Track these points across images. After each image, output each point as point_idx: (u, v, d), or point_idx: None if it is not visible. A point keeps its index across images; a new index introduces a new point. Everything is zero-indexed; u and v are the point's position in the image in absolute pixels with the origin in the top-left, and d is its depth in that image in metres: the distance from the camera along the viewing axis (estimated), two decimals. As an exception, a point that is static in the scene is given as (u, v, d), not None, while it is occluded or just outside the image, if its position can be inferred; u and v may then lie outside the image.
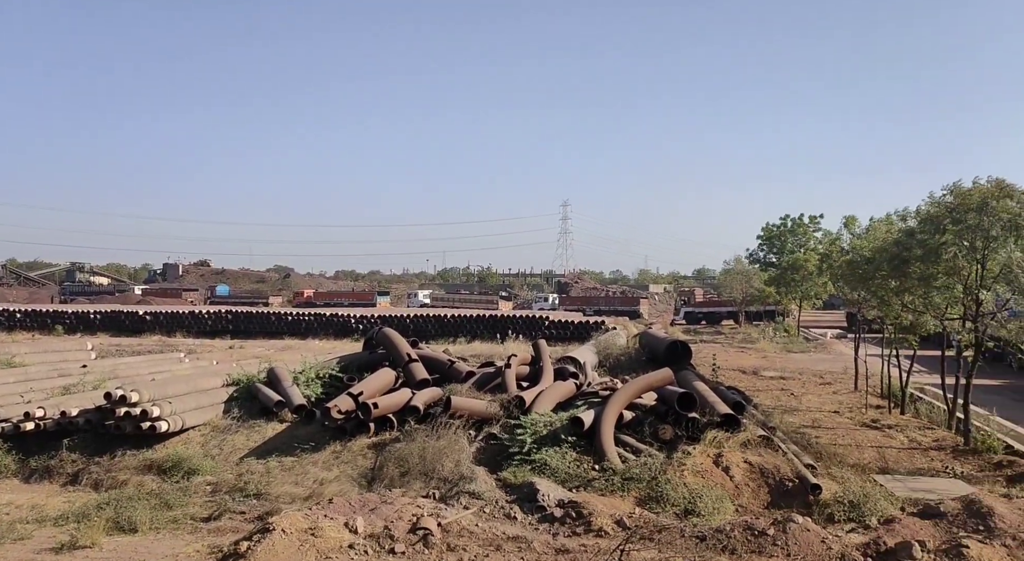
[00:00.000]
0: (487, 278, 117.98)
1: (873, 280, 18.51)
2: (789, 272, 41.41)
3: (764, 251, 52.09)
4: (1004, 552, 8.46)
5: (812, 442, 15.85)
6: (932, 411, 19.56)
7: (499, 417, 14.12)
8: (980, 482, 12.77)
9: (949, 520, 9.67)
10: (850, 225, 26.10)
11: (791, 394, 23.51)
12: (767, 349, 38.68)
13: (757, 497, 11.28)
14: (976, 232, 14.32)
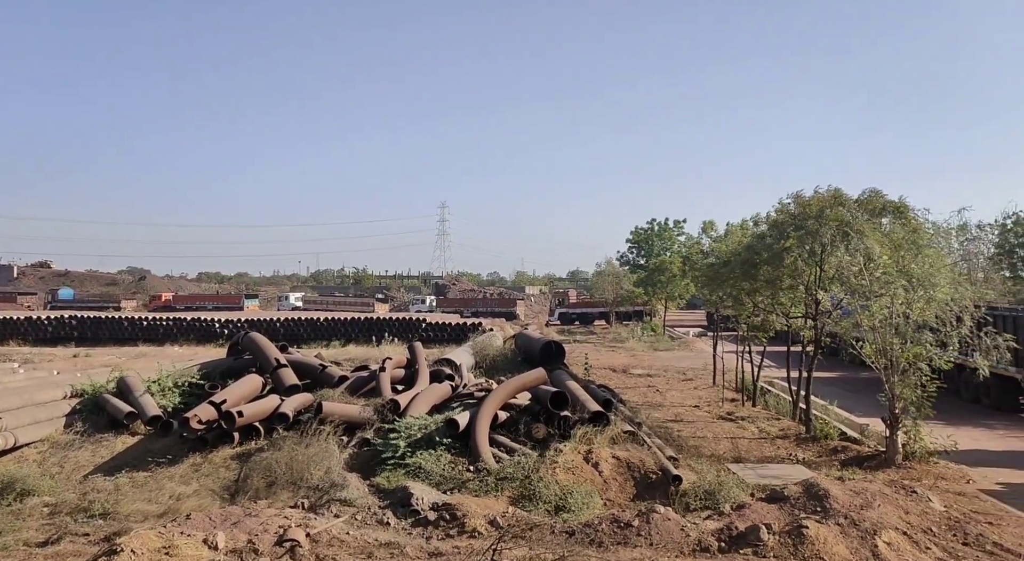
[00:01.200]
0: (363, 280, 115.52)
1: (728, 282, 19.85)
2: (656, 274, 43.65)
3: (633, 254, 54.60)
4: (837, 530, 9.32)
5: (675, 435, 16.77)
6: (779, 403, 21.25)
7: (373, 422, 13.88)
8: (819, 467, 14.01)
9: (792, 503, 10.52)
10: (708, 230, 27.86)
11: (657, 390, 24.74)
12: (636, 348, 40.47)
13: (624, 490, 11.77)
14: (815, 238, 15.70)
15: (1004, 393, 21.25)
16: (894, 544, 9.04)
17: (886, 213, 15.54)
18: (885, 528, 9.35)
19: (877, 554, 8.83)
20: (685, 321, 59.21)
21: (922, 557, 8.90)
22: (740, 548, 9.06)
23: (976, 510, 11.59)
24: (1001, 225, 36.06)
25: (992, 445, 17.10)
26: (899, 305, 14.19)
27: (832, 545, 8.95)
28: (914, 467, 14.00)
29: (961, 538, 9.82)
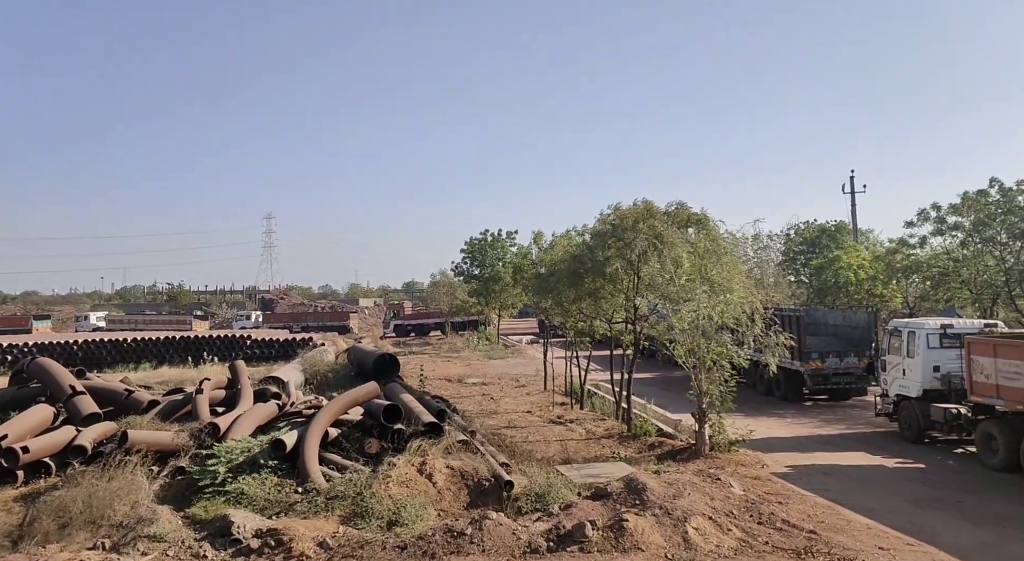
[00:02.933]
0: (179, 296, 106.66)
1: (555, 291, 20.72)
2: (489, 283, 44.49)
3: (468, 264, 55.24)
4: (653, 520, 10.02)
5: (508, 441, 17.17)
6: (604, 404, 22.49)
7: (189, 448, 12.87)
8: (639, 462, 14.98)
9: (615, 499, 11.14)
10: (538, 240, 28.95)
11: (491, 398, 25.20)
12: (471, 357, 40.98)
13: (458, 499, 11.84)
14: (631, 248, 16.84)
15: (791, 385, 24.04)
16: (701, 529, 9.87)
17: (691, 224, 17.01)
18: (694, 515, 10.19)
19: (687, 539, 9.60)
20: (518, 329, 60.93)
21: (724, 538, 9.79)
22: (567, 546, 9.45)
23: (769, 492, 12.98)
24: (786, 235, 40.90)
25: (782, 432, 19.26)
26: (703, 308, 15.58)
27: (649, 534, 9.61)
28: (719, 456, 15.39)
29: (756, 518, 10.93)
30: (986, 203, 24.94)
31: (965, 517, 11.87)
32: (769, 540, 10.08)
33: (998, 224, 24.59)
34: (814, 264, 35.64)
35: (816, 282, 34.43)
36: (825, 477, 14.60)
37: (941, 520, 11.69)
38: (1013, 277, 24.52)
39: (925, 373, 17.39)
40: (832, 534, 10.49)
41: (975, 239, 25.42)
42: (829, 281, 32.33)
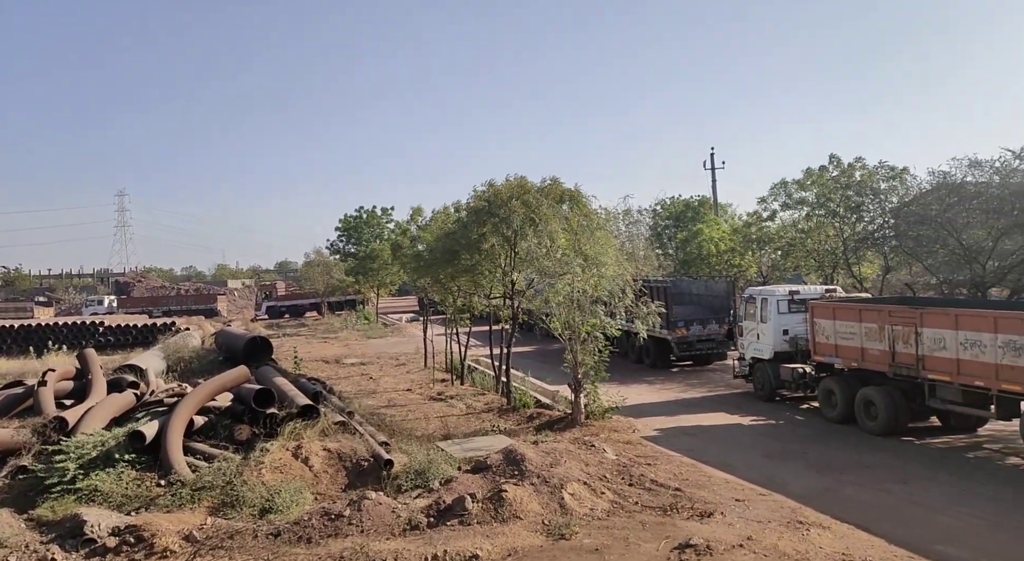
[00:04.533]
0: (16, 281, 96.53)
1: (433, 268, 20.59)
2: (366, 262, 43.54)
3: (344, 242, 53.77)
4: (531, 489, 10.28)
5: (388, 420, 16.97)
6: (485, 379, 22.74)
7: (32, 445, 11.77)
8: (518, 434, 15.29)
9: (494, 471, 11.33)
10: (416, 217, 28.60)
11: (370, 378, 24.80)
12: (349, 337, 40.07)
13: (336, 482, 11.60)
14: (507, 224, 16.99)
15: (660, 353, 25.35)
16: (577, 494, 10.25)
17: (564, 200, 17.38)
18: (570, 481, 10.55)
19: (563, 505, 9.93)
20: (398, 307, 60.21)
21: (598, 501, 10.22)
22: (448, 520, 9.52)
23: (639, 455, 13.66)
24: (654, 210, 42.81)
25: (652, 398, 20.30)
26: (578, 282, 16.04)
27: (527, 503, 9.86)
28: (594, 424, 15.98)
29: (628, 480, 11.49)
30: (826, 179, 27.27)
31: (809, 466, 13.06)
32: (639, 500, 10.63)
33: (837, 198, 26.96)
34: (679, 237, 37.59)
35: (681, 254, 36.35)
36: (690, 437, 15.56)
37: (789, 470, 12.79)
38: (850, 246, 27.02)
39: (776, 336, 18.85)
40: (695, 490, 11.21)
41: (818, 212, 27.77)
42: (693, 253, 34.24)
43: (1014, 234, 22.29)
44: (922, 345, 14.00)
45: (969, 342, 13.06)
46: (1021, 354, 12.06)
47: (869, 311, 15.73)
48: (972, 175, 24.21)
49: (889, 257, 27.61)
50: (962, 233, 23.22)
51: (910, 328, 14.27)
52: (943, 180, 24.97)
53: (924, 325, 13.98)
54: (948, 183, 24.58)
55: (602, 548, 8.59)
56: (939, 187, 25.02)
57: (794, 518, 9.80)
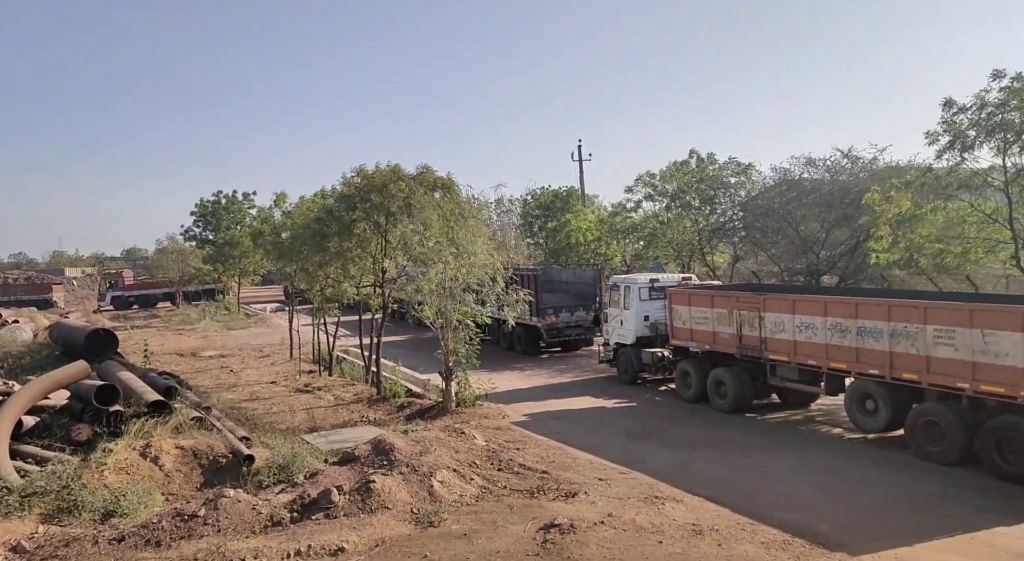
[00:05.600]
0: None
1: (300, 255, 19.83)
2: (226, 249, 41.20)
3: (200, 228, 50.55)
4: (400, 478, 10.19)
5: (249, 415, 16.23)
6: (354, 369, 22.25)
7: None
8: (388, 424, 15.10)
9: (363, 462, 11.13)
10: (280, 202, 27.38)
11: (231, 371, 23.56)
12: (208, 329, 37.82)
13: (190, 481, 10.95)
14: (380, 210, 16.66)
15: (530, 339, 25.90)
16: (446, 481, 10.28)
17: (437, 188, 17.28)
18: (440, 469, 10.56)
19: (433, 493, 9.93)
20: (262, 297, 57.50)
21: (467, 487, 10.31)
22: (313, 514, 9.25)
23: (509, 440, 13.91)
24: (524, 200, 43.59)
25: (522, 384, 20.72)
26: (450, 270, 16.03)
27: (396, 493, 9.76)
28: (465, 411, 16.09)
29: (497, 465, 11.66)
30: (685, 173, 28.95)
31: (666, 444, 13.85)
32: (508, 484, 10.82)
33: (693, 191, 28.69)
34: (549, 227, 38.50)
35: (551, 243, 37.28)
36: (557, 421, 16.03)
37: (648, 449, 13.51)
38: (704, 236, 28.87)
39: (638, 322, 19.80)
40: (561, 471, 11.57)
41: (676, 204, 29.42)
42: (562, 242, 35.21)
43: (842, 226, 24.69)
44: (765, 328, 15.20)
45: (804, 325, 14.33)
46: (846, 335, 13.39)
47: (720, 297, 16.86)
48: (808, 172, 26.60)
49: (738, 247, 29.75)
50: (800, 225, 25.45)
51: (755, 313, 15.45)
52: (784, 176, 27.25)
53: (766, 310, 15.18)
54: (788, 179, 26.85)
55: (470, 533, 8.67)
56: (781, 183, 27.26)
57: (651, 494, 10.36)
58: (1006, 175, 18.34)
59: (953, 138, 18.50)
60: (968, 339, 11.25)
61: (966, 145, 18.37)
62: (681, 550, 8.24)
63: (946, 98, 18.57)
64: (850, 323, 13.30)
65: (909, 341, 12.21)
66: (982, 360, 11.07)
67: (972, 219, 19.64)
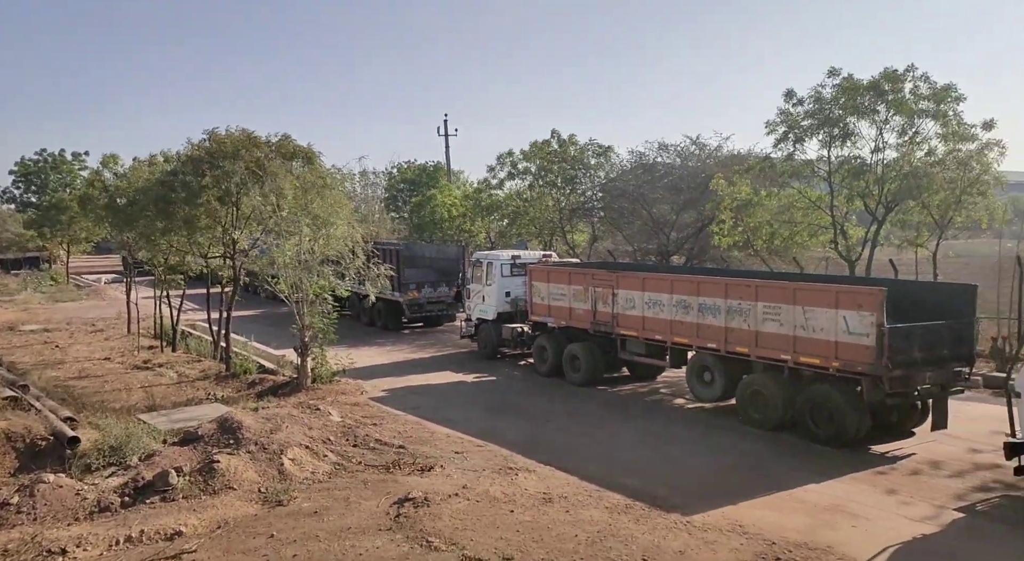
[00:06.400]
0: None
1: (140, 222, 18.28)
2: (52, 213, 37.15)
3: (21, 189, 45.25)
4: (248, 457, 9.77)
5: (77, 394, 14.90)
6: (201, 345, 20.94)
7: None
8: (236, 401, 14.39)
9: (206, 441, 10.54)
10: (109, 163, 25.00)
11: (56, 347, 21.46)
12: (30, 301, 34.11)
13: (3, 466, 9.88)
14: (230, 177, 15.66)
15: (392, 315, 25.58)
16: (298, 459, 9.97)
17: (296, 157, 16.49)
18: (291, 446, 10.23)
19: (283, 471, 9.60)
20: (97, 267, 52.57)
21: (320, 464, 10.07)
22: (147, 498, 8.66)
23: (366, 416, 13.71)
24: (389, 173, 42.79)
25: (382, 360, 20.44)
26: (307, 242, 15.42)
27: (242, 472, 9.35)
28: (321, 388, 15.64)
29: (352, 441, 11.48)
30: (547, 152, 29.53)
31: (522, 417, 14.21)
32: (363, 460, 10.69)
33: (555, 170, 29.37)
34: (414, 202, 38.04)
35: (416, 218, 36.87)
36: (417, 396, 15.98)
37: (505, 422, 13.80)
38: (565, 215, 29.70)
39: (499, 298, 20.09)
40: (418, 446, 11.58)
41: (539, 182, 30.01)
42: (427, 218, 34.92)
43: (690, 209, 26.29)
44: (617, 305, 15.93)
45: (652, 302, 15.16)
46: (689, 312, 14.32)
47: (576, 275, 17.45)
48: (661, 157, 28.03)
49: (596, 226, 30.89)
50: (652, 207, 26.81)
51: (608, 290, 16.13)
52: (639, 160, 28.55)
53: (619, 287, 15.89)
54: (643, 163, 28.16)
55: (321, 510, 8.48)
56: (637, 166, 28.55)
57: (505, 465, 10.62)
58: (830, 166, 20.29)
59: (788, 129, 20.23)
60: (791, 315, 12.38)
61: (799, 136, 20.15)
62: (531, 518, 8.52)
63: (788, 89, 20.25)
64: (693, 300, 14.22)
65: (742, 317, 13.25)
66: (802, 334, 12.22)
67: (800, 205, 21.61)
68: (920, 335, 11.47)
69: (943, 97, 18.45)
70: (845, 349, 11.50)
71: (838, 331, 11.57)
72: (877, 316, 11.01)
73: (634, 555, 7.57)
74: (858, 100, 19.01)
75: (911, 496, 9.48)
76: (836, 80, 19.45)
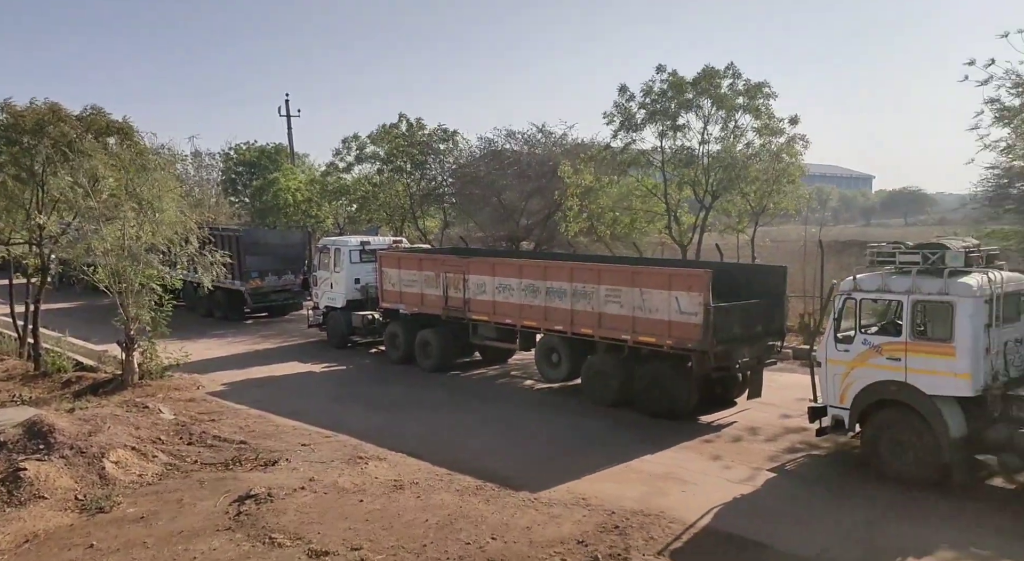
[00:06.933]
0: None
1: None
2: None
3: None
4: (62, 463, 8.84)
5: None
6: (3, 342, 18.64)
7: None
8: (49, 403, 12.97)
9: (10, 448, 9.42)
10: None
11: None
12: None
13: None
14: (32, 155, 13.97)
15: (232, 305, 24.16)
16: (122, 461, 9.16)
17: (111, 133, 15.01)
18: (114, 448, 9.37)
19: (105, 475, 8.79)
20: None
21: (149, 466, 9.32)
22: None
23: (203, 412, 12.85)
24: (226, 155, 40.16)
25: (222, 352, 19.26)
26: (131, 228, 14.13)
27: (55, 479, 8.46)
28: (150, 384, 14.47)
29: (187, 439, 10.73)
30: (396, 136, 29.04)
31: (374, 405, 13.95)
32: (199, 458, 10.03)
33: (404, 155, 28.97)
34: (255, 186, 36.01)
35: (257, 203, 34.92)
36: (260, 389, 15.22)
37: (354, 412, 13.48)
38: (416, 201, 29.40)
39: (348, 285, 19.57)
40: (261, 440, 11.04)
41: (388, 167, 29.46)
42: (269, 202, 33.19)
43: (538, 196, 27.00)
44: (468, 290, 16.04)
45: (502, 287, 15.42)
46: (537, 295, 14.71)
47: (428, 260, 17.36)
48: (509, 144, 28.51)
49: (448, 213, 30.90)
50: (502, 194, 27.24)
51: (459, 275, 16.20)
52: (488, 146, 28.86)
53: (470, 273, 16.01)
54: (492, 149, 28.50)
55: (149, 515, 7.87)
56: (486, 153, 28.84)
57: (355, 455, 10.39)
58: (663, 156, 21.66)
59: (624, 120, 21.39)
60: (631, 297, 13.08)
61: (634, 126, 21.37)
62: (381, 506, 8.41)
63: (621, 84, 21.43)
64: (540, 284, 14.62)
65: (586, 300, 13.82)
66: (640, 315, 12.96)
67: (638, 193, 22.90)
68: (740, 313, 12.55)
69: (755, 93, 20.27)
70: (678, 328, 12.33)
71: (671, 311, 12.38)
72: (704, 296, 11.90)
73: (483, 535, 7.71)
74: (684, 95, 20.47)
75: (732, 461, 10.39)
76: (664, 76, 20.81)
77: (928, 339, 9.13)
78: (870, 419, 9.60)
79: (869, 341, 9.60)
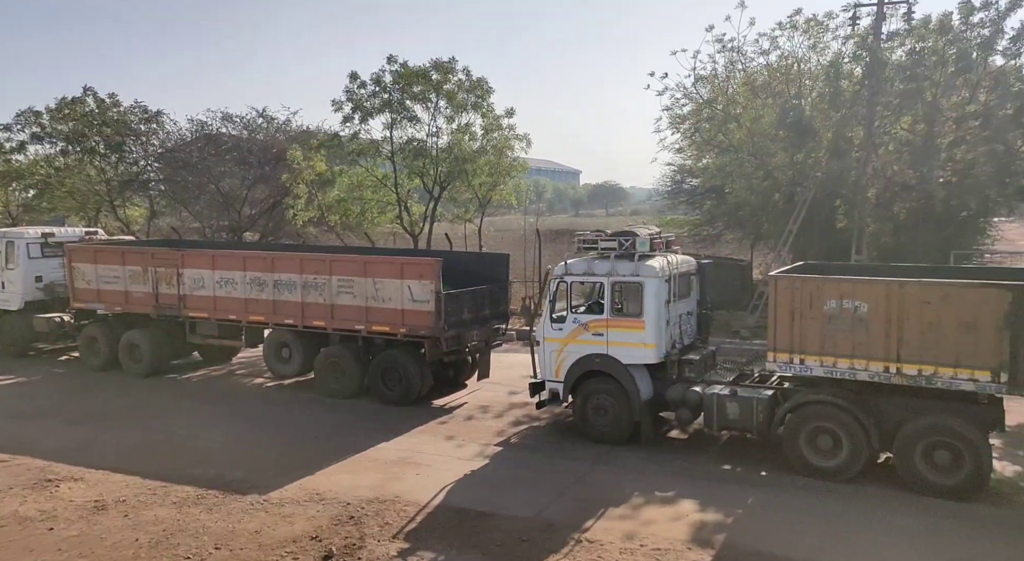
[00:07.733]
0: None
1: None
2: None
3: None
4: None
5: None
6: None
7: None
8: None
9: None
10: None
11: None
12: None
13: None
14: None
15: None
16: None
17: None
18: None
19: None
20: None
21: None
22: None
23: None
24: None
25: None
26: None
27: None
28: None
29: None
30: (82, 113, 25.06)
31: (68, 420, 12.02)
32: None
33: (96, 134, 25.17)
34: None
35: None
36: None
37: (43, 428, 11.55)
38: (114, 188, 25.78)
39: (27, 284, 16.69)
40: (-93, 477, 8.94)
41: (75, 148, 25.39)
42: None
43: (262, 184, 25.47)
44: (184, 285, 14.60)
45: (224, 280, 14.30)
46: (264, 289, 13.90)
47: (133, 254, 15.44)
48: (226, 128, 26.40)
49: (155, 201, 27.75)
50: (221, 181, 25.17)
51: (173, 270, 14.67)
52: (201, 130, 26.41)
53: (185, 266, 14.59)
54: (207, 133, 26.14)
55: None
56: (199, 136, 26.36)
57: (43, 478, 8.96)
58: (392, 146, 21.83)
59: (354, 107, 21.21)
60: (364, 288, 12.99)
61: (366, 114, 21.31)
62: (78, 532, 7.36)
63: (352, 72, 21.16)
64: (268, 277, 13.84)
65: (318, 291, 13.41)
66: (374, 305, 12.93)
67: (369, 183, 22.79)
68: (469, 299, 13.18)
69: (476, 88, 21.38)
70: (411, 316, 12.55)
71: (404, 300, 12.57)
72: (435, 284, 12.28)
73: (206, 546, 7.14)
74: (413, 87, 20.89)
75: (464, 439, 10.92)
76: (394, 66, 21.01)
77: (624, 315, 10.47)
78: (579, 389, 10.76)
79: (578, 319, 10.73)
